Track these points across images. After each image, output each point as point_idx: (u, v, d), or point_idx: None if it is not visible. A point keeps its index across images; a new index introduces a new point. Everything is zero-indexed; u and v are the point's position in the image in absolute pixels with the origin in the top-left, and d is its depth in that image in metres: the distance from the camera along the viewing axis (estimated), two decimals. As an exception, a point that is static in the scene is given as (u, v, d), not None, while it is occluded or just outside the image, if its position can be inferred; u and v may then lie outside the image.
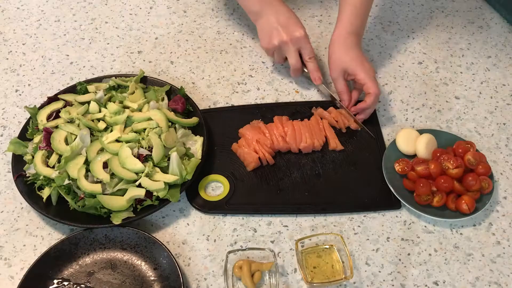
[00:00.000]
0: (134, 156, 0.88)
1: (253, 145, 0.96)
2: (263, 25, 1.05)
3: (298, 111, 1.05)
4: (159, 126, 0.92)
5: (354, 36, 1.03)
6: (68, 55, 1.18)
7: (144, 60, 1.16)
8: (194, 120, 0.98)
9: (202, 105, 1.07)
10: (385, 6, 1.31)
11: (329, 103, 1.07)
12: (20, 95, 1.09)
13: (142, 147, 0.90)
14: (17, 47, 1.20)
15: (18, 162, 0.92)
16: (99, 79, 1.05)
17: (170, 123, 0.95)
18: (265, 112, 1.05)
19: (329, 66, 1.03)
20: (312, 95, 1.10)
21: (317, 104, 1.06)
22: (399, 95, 1.10)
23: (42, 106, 0.98)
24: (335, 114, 1.03)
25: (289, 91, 1.10)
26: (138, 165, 0.87)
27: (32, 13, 1.28)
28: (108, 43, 1.20)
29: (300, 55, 1.06)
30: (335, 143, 0.98)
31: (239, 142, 0.99)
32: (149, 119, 0.94)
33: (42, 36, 1.22)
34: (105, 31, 1.23)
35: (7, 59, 1.17)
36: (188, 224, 0.90)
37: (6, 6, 1.29)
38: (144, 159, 0.89)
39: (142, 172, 0.87)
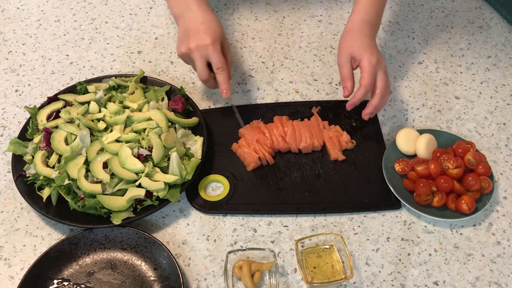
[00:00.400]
0: (134, 156, 0.88)
1: (253, 145, 0.96)
2: (179, 31, 0.99)
3: (298, 111, 1.05)
4: (159, 126, 0.92)
5: (369, 26, 0.98)
6: (68, 55, 1.18)
7: (144, 60, 1.16)
8: (194, 120, 0.98)
9: (202, 105, 1.07)
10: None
11: (328, 103, 1.07)
12: (20, 95, 1.09)
13: (142, 147, 0.90)
14: (17, 47, 1.20)
15: (18, 162, 0.92)
16: (99, 79, 1.05)
17: (170, 123, 0.95)
18: (265, 112, 1.05)
19: (338, 52, 0.98)
20: (312, 95, 1.10)
21: (317, 104, 1.06)
22: (399, 95, 1.10)
23: (42, 106, 0.98)
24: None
25: (289, 91, 1.10)
26: (138, 165, 0.87)
27: (32, 13, 1.28)
28: (108, 43, 1.20)
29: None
30: (336, 154, 0.97)
31: (239, 142, 0.99)
32: (149, 119, 0.94)
33: (42, 36, 1.22)
34: (105, 31, 1.23)
35: (7, 59, 1.17)
36: (188, 224, 0.90)
37: (6, 6, 1.29)
38: (144, 159, 0.89)
39: (142, 172, 0.87)
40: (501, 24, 1.27)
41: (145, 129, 0.93)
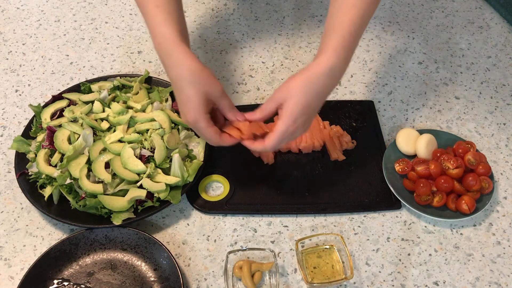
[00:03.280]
0: (136, 156, 0.88)
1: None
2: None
3: (298, 111, 1.05)
4: (162, 127, 0.92)
5: (323, 78, 0.77)
6: (68, 55, 1.18)
7: (144, 60, 1.16)
8: None
9: (202, 105, 1.06)
10: (385, 6, 1.31)
11: (328, 103, 1.07)
12: (20, 95, 1.09)
13: (145, 148, 0.90)
14: (17, 47, 1.20)
15: (21, 160, 0.92)
16: (103, 79, 1.05)
17: (173, 125, 0.95)
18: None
19: (278, 89, 0.80)
20: (312, 95, 1.10)
21: (317, 104, 1.06)
22: (399, 95, 1.10)
23: (47, 104, 0.98)
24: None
25: (289, 91, 1.10)
26: (139, 166, 0.87)
27: (32, 13, 1.27)
28: (108, 43, 1.20)
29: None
30: (336, 154, 0.97)
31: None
32: (152, 120, 0.94)
33: (42, 36, 1.22)
34: (105, 31, 1.23)
35: (7, 59, 1.17)
36: (188, 224, 0.90)
37: (6, 6, 1.29)
38: (146, 160, 0.89)
39: (144, 173, 0.87)
40: (501, 24, 1.27)
41: (148, 130, 0.93)
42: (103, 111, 0.96)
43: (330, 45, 0.78)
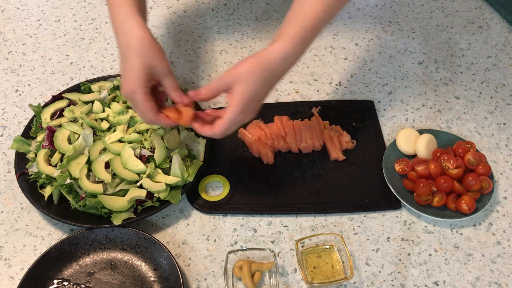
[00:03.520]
0: (136, 156, 0.88)
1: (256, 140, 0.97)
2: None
3: (298, 111, 1.05)
4: (162, 127, 0.92)
5: (276, 65, 0.76)
6: (68, 55, 1.18)
7: (144, 60, 1.16)
8: None
9: (203, 105, 1.06)
10: (385, 6, 1.31)
11: (328, 103, 1.07)
12: (20, 95, 1.09)
13: (145, 148, 0.90)
14: (17, 47, 1.20)
15: (21, 160, 0.92)
16: (103, 79, 1.05)
17: (173, 124, 0.95)
18: (265, 112, 1.04)
19: (227, 72, 0.77)
20: (312, 95, 1.10)
21: (317, 104, 1.06)
22: (399, 95, 1.10)
23: (47, 104, 0.98)
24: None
25: (289, 91, 1.10)
26: (139, 166, 0.87)
27: (32, 13, 1.28)
28: (108, 43, 1.20)
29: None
30: (336, 154, 0.97)
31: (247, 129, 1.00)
32: None
33: (42, 36, 1.22)
34: (105, 31, 1.23)
35: (7, 59, 1.17)
36: (188, 224, 0.90)
37: (6, 6, 1.29)
38: (146, 160, 0.89)
39: (144, 173, 0.87)
40: (501, 24, 1.27)
41: (148, 130, 0.93)
42: (103, 111, 0.96)
43: (289, 33, 0.77)
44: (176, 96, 0.80)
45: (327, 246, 0.86)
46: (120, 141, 0.91)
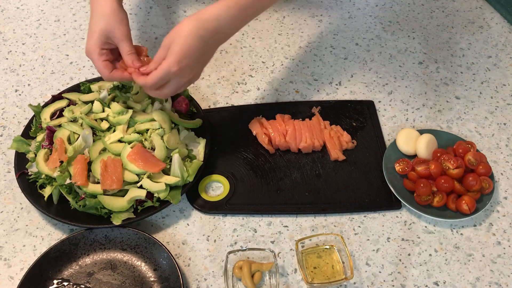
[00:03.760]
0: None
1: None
2: None
3: (299, 111, 1.05)
4: (162, 128, 0.92)
5: (219, 26, 0.81)
6: (68, 55, 1.17)
7: (144, 60, 1.16)
8: (197, 122, 0.98)
9: (202, 105, 1.06)
10: (385, 6, 1.31)
11: (328, 103, 1.07)
12: (20, 95, 1.09)
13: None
14: (16, 47, 1.20)
15: (20, 160, 0.92)
16: (103, 78, 1.04)
17: (173, 125, 0.95)
18: (265, 112, 1.04)
19: (172, 31, 0.81)
20: (312, 95, 1.10)
21: (317, 104, 1.06)
22: (399, 95, 1.10)
23: (46, 104, 0.98)
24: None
25: (289, 91, 1.10)
26: (139, 166, 0.87)
27: (32, 13, 1.27)
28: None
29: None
30: (336, 154, 0.97)
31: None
32: (152, 120, 0.94)
33: (42, 36, 1.22)
34: (105, 31, 1.23)
35: (7, 59, 1.17)
36: (188, 224, 0.90)
37: (6, 6, 1.29)
38: (145, 159, 0.89)
39: (143, 174, 0.87)
40: (502, 24, 1.27)
41: (148, 130, 0.92)
42: (103, 111, 0.96)
43: None
44: (129, 60, 0.86)
45: (327, 246, 0.85)
46: (120, 141, 0.91)
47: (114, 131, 0.92)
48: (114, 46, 0.88)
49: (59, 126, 0.92)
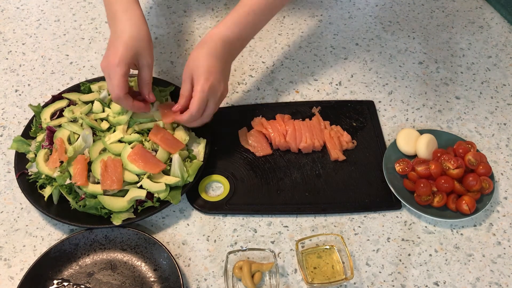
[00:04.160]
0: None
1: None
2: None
3: (299, 111, 1.05)
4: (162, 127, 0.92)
5: (225, 45, 0.89)
6: (68, 55, 1.17)
7: (144, 60, 1.16)
8: None
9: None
10: (385, 6, 1.31)
11: (329, 103, 1.07)
12: (19, 95, 1.09)
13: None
14: (16, 47, 1.19)
15: (20, 160, 0.92)
16: (103, 78, 1.04)
17: (175, 125, 0.95)
18: (266, 112, 1.05)
19: (186, 64, 0.89)
20: (312, 95, 1.10)
21: (317, 104, 1.06)
22: (399, 95, 1.10)
23: (46, 104, 0.98)
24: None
25: (289, 91, 1.10)
26: (139, 166, 0.87)
27: (32, 13, 1.27)
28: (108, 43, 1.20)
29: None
30: (336, 154, 0.97)
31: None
32: (152, 120, 0.94)
33: (42, 36, 1.22)
34: (105, 31, 1.23)
35: (7, 59, 1.17)
36: (188, 224, 0.90)
37: (6, 6, 1.29)
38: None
39: (144, 175, 0.87)
40: (502, 24, 1.27)
41: (148, 130, 0.92)
42: (103, 111, 0.96)
43: (227, 19, 0.91)
44: (145, 90, 0.90)
45: (327, 247, 0.85)
46: (120, 141, 0.91)
47: (114, 131, 0.92)
48: (133, 69, 0.88)
49: (59, 126, 0.93)
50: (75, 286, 0.81)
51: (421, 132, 0.98)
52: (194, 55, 0.88)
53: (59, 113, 0.97)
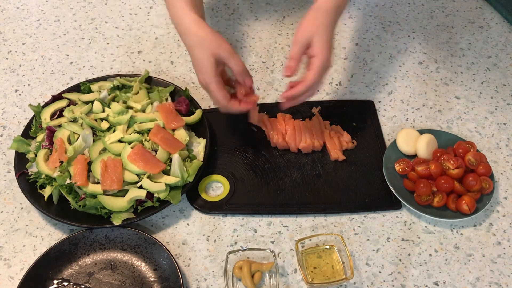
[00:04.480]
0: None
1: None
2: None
3: (299, 111, 1.05)
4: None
5: (333, 14, 0.87)
6: (68, 55, 1.17)
7: (144, 60, 1.16)
8: (197, 113, 0.98)
9: (202, 105, 1.06)
10: (385, 6, 1.31)
11: (328, 103, 1.07)
12: (20, 95, 1.09)
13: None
14: (16, 47, 1.20)
15: (20, 160, 0.92)
16: (103, 78, 1.04)
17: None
18: (266, 112, 1.04)
19: (299, 27, 0.87)
20: (312, 95, 1.10)
21: (317, 104, 1.06)
22: (399, 95, 1.10)
23: (46, 104, 0.98)
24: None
25: (289, 91, 1.10)
26: (139, 166, 0.87)
27: (32, 13, 1.27)
28: (108, 43, 1.20)
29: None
30: (336, 154, 0.97)
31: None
32: (153, 120, 0.94)
33: (42, 36, 1.22)
34: (105, 31, 1.23)
35: (7, 59, 1.17)
36: (188, 224, 0.90)
37: (6, 6, 1.29)
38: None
39: (143, 175, 0.87)
40: (502, 24, 1.27)
41: (148, 130, 0.92)
42: (103, 111, 0.96)
43: None
44: (240, 77, 0.88)
45: (327, 247, 0.85)
46: (120, 141, 0.91)
47: (114, 131, 0.92)
48: (222, 67, 0.88)
49: (59, 126, 0.93)
50: (75, 286, 0.81)
51: (421, 132, 0.98)
52: (311, 21, 0.86)
53: (59, 113, 0.97)
